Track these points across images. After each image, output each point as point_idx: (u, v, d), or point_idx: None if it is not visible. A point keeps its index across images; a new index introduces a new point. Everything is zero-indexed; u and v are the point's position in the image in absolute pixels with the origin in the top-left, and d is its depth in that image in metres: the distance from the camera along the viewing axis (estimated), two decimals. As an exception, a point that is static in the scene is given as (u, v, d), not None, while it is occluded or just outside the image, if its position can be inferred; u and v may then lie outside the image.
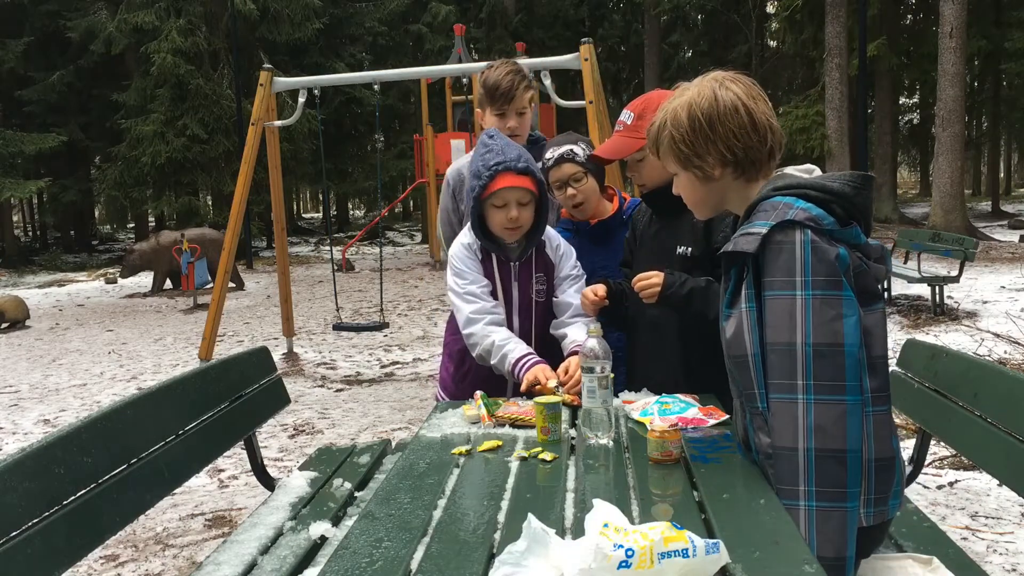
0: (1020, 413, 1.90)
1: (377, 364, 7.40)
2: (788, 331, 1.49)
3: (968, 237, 9.14)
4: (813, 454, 1.45)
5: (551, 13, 24.96)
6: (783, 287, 1.50)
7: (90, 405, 6.22)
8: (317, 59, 20.84)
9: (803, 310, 1.48)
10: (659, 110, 1.74)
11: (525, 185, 2.40)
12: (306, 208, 51.60)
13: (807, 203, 1.52)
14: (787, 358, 1.49)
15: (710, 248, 2.25)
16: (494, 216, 2.43)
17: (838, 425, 1.46)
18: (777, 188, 1.60)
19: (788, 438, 1.48)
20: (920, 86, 25.56)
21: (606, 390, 1.88)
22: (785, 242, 1.50)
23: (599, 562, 1.11)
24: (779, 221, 1.51)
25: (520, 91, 2.76)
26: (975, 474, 3.81)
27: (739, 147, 1.63)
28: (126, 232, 30.47)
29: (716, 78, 1.67)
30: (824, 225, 1.50)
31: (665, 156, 1.73)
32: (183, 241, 12.08)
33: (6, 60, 19.07)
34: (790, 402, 1.48)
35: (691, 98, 1.66)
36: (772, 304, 1.52)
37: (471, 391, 2.37)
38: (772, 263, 1.51)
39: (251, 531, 2.28)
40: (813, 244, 1.48)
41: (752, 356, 1.56)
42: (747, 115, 1.62)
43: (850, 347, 1.47)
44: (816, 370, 1.47)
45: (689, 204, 1.78)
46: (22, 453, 1.66)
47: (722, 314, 1.66)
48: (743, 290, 1.58)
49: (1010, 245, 14.49)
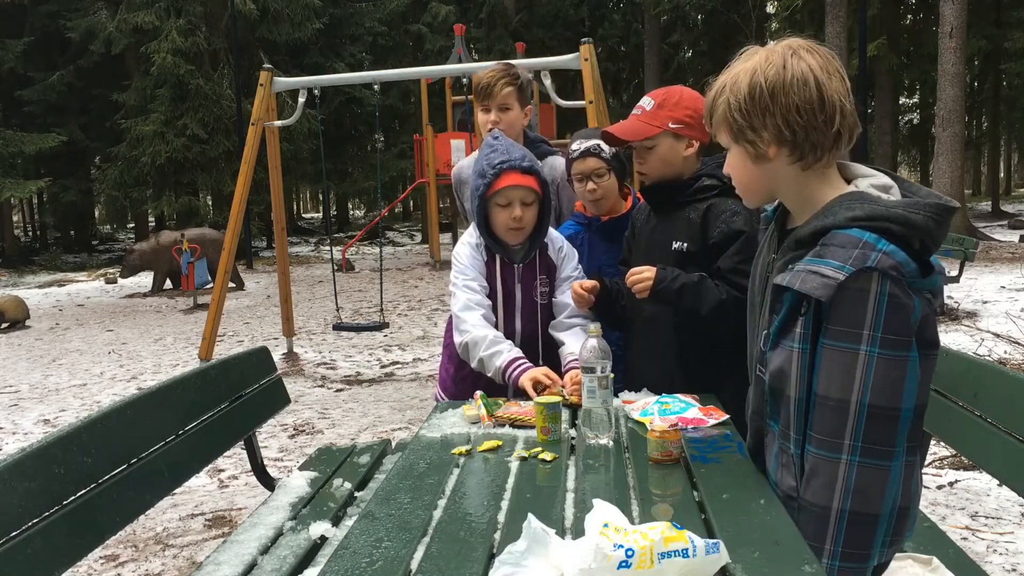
0: (1020, 413, 1.90)
1: (377, 364, 7.40)
2: (844, 388, 1.35)
3: (968, 237, 9.14)
4: (847, 516, 1.37)
5: (551, 13, 24.95)
6: (847, 339, 1.35)
7: (90, 405, 6.22)
8: (317, 59, 20.84)
9: (864, 368, 1.34)
10: (726, 71, 1.52)
11: (529, 184, 2.42)
12: (306, 208, 51.61)
13: (891, 244, 1.34)
14: (837, 416, 1.36)
15: (706, 244, 2.25)
16: (498, 216, 2.45)
17: (879, 490, 1.36)
18: (856, 218, 1.38)
19: (823, 496, 1.39)
20: (920, 86, 25.57)
21: (606, 390, 1.88)
22: (858, 289, 1.33)
23: (599, 562, 1.11)
24: (859, 268, 1.32)
25: (500, 86, 2.79)
26: (975, 474, 3.81)
27: (800, 125, 1.42)
28: (126, 232, 30.47)
29: (791, 45, 1.45)
30: (906, 274, 1.33)
31: (718, 126, 1.53)
32: (183, 241, 12.08)
33: (6, 60, 19.08)
34: (832, 461, 1.37)
35: (757, 63, 1.45)
36: (831, 355, 1.37)
37: (471, 391, 2.37)
38: (840, 310, 1.35)
39: (251, 531, 2.28)
40: (891, 298, 1.32)
41: (796, 401, 1.44)
42: (816, 90, 1.41)
43: (907, 412, 1.36)
44: (867, 432, 1.35)
45: (738, 187, 1.59)
46: (22, 453, 1.66)
47: (768, 339, 1.50)
48: (798, 328, 1.42)
49: (1010, 245, 14.49)
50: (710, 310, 2.15)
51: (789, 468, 1.49)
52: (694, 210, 2.29)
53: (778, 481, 1.52)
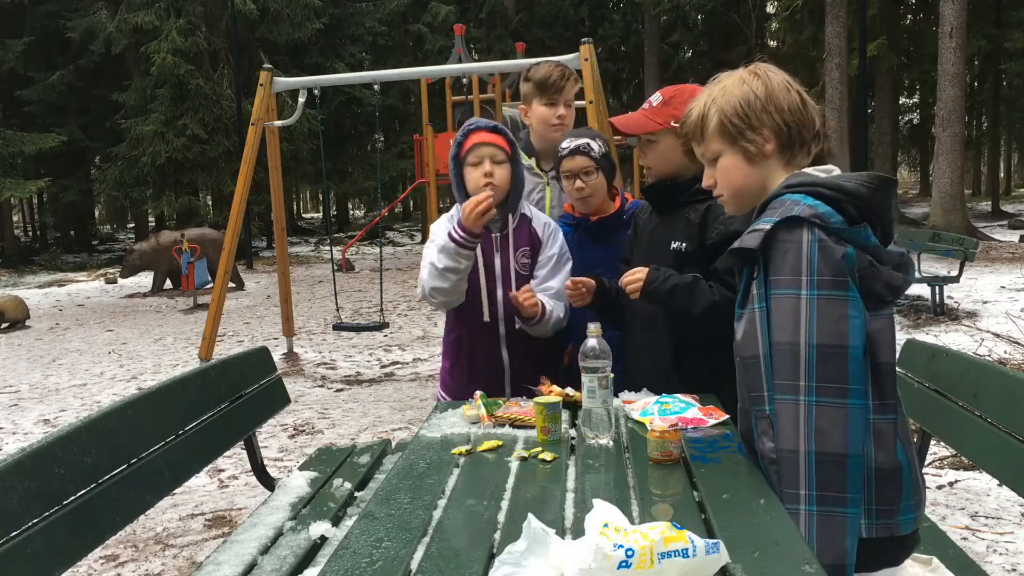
0: (1020, 413, 1.90)
1: (377, 364, 7.40)
2: (792, 331, 1.47)
3: (968, 237, 9.14)
4: (814, 457, 1.44)
5: (551, 13, 24.96)
6: (788, 286, 1.48)
7: (90, 405, 6.22)
8: (317, 59, 20.86)
9: (807, 310, 1.46)
10: (697, 99, 1.70)
11: (497, 142, 2.50)
12: (306, 208, 51.61)
13: (816, 200, 1.50)
14: (791, 358, 1.47)
15: (704, 244, 2.26)
16: (471, 175, 2.51)
17: (838, 428, 1.44)
18: (790, 186, 1.57)
19: (790, 440, 1.47)
20: (920, 86, 25.58)
21: (606, 390, 1.88)
22: (791, 240, 1.48)
23: (599, 562, 1.11)
24: (784, 217, 1.48)
25: (571, 82, 2.87)
26: (975, 474, 3.81)
27: (793, 121, 1.60)
28: (126, 232, 30.48)
29: (760, 66, 1.66)
30: (831, 223, 1.47)
31: (711, 136, 1.66)
32: (183, 241, 12.08)
33: (6, 60, 19.09)
34: (793, 403, 1.47)
35: (740, 79, 1.64)
36: (777, 303, 1.50)
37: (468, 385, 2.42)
38: (778, 261, 1.49)
39: (251, 531, 2.28)
40: (820, 243, 1.46)
41: (763, 357, 1.53)
42: (797, 95, 1.62)
43: (854, 349, 1.45)
44: (819, 371, 1.44)
45: (729, 191, 1.70)
46: (22, 453, 1.66)
47: (735, 314, 1.62)
48: (754, 289, 1.55)
49: (1010, 245, 14.49)
50: (703, 311, 2.15)
51: (767, 432, 1.54)
52: (694, 211, 2.29)
53: (760, 450, 1.57)
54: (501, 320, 2.56)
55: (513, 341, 2.56)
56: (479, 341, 2.58)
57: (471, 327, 2.58)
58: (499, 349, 2.57)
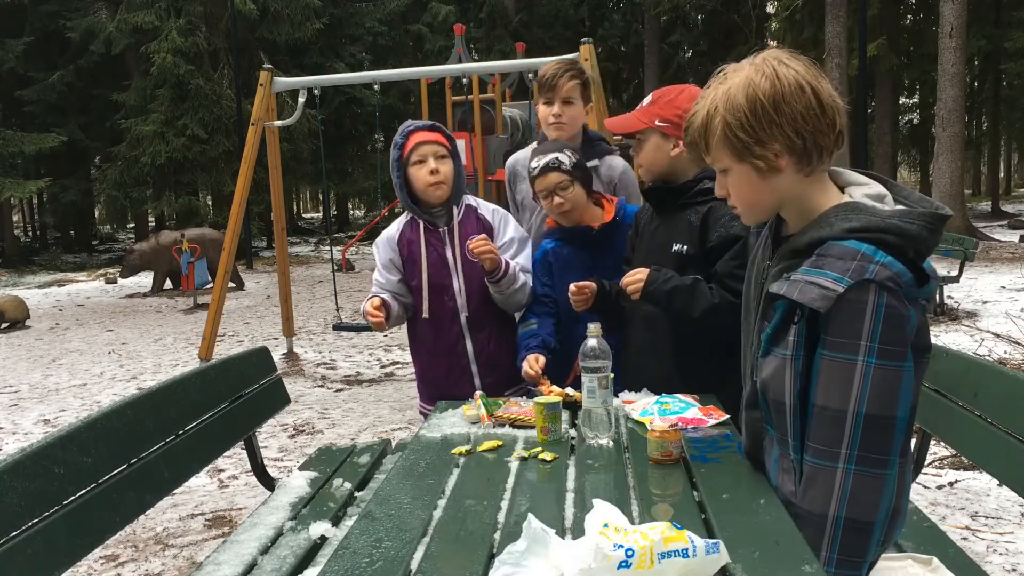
0: (1020, 413, 1.90)
1: (377, 364, 7.40)
2: (841, 398, 1.35)
3: (968, 237, 9.14)
4: (843, 523, 1.37)
5: (551, 13, 24.94)
6: (845, 350, 1.35)
7: (90, 405, 6.22)
8: (317, 59, 20.84)
9: (861, 378, 1.34)
10: (700, 98, 1.50)
11: (437, 139, 2.62)
12: (306, 208, 51.60)
13: (888, 256, 1.34)
14: (835, 425, 1.37)
15: (705, 247, 2.26)
16: (416, 174, 2.61)
17: (874, 497, 1.37)
18: (852, 229, 1.38)
19: (819, 504, 1.39)
20: (920, 86, 25.55)
21: (606, 390, 1.88)
22: (857, 301, 1.33)
23: (599, 562, 1.11)
24: (858, 280, 1.33)
25: (565, 78, 2.79)
26: (975, 474, 3.81)
27: (808, 131, 1.41)
28: (126, 232, 30.47)
29: (772, 56, 1.44)
30: (903, 284, 1.34)
31: (718, 149, 1.48)
32: (183, 241, 12.08)
33: (6, 60, 19.07)
34: (829, 469, 1.38)
35: (748, 78, 1.43)
36: (829, 365, 1.37)
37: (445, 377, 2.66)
38: (838, 321, 1.34)
39: (251, 531, 2.28)
40: (887, 310, 1.32)
41: (791, 408, 1.44)
42: (814, 95, 1.40)
43: (901, 420, 1.37)
44: (863, 441, 1.35)
45: (742, 206, 1.54)
46: (22, 453, 1.66)
47: (760, 346, 1.50)
48: (790, 336, 1.41)
49: (1010, 245, 14.49)
50: (702, 313, 2.15)
51: (790, 473, 1.49)
52: (695, 212, 2.29)
53: (779, 485, 1.53)
54: (461, 309, 2.67)
55: (478, 328, 2.67)
56: (442, 332, 2.69)
57: (433, 320, 2.69)
58: (463, 339, 2.68)
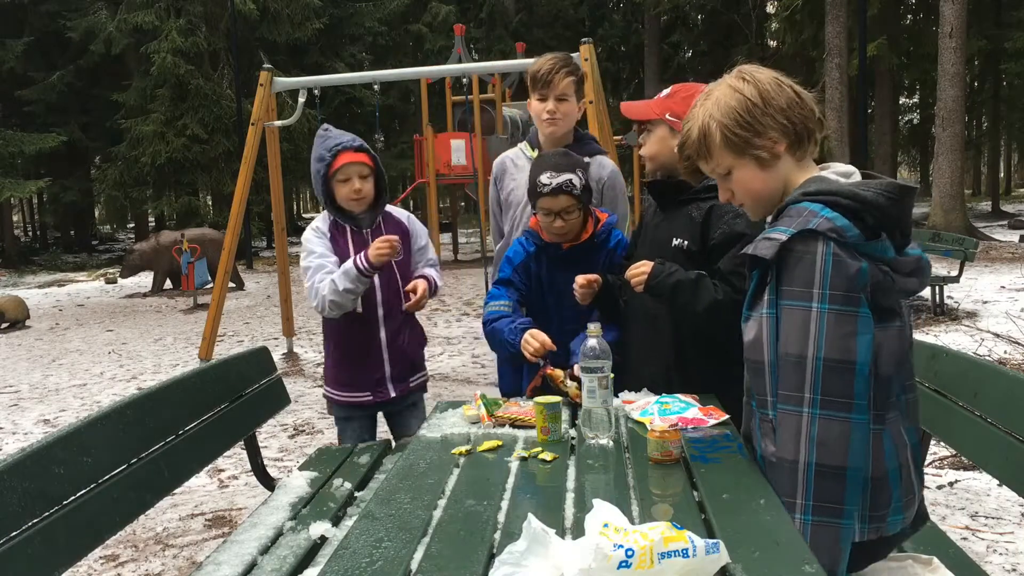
0: (1020, 413, 1.90)
1: (377, 364, 7.39)
2: (800, 343, 1.46)
3: (968, 237, 9.14)
4: (813, 468, 1.45)
5: (551, 13, 24.96)
6: (799, 298, 1.47)
7: (90, 405, 6.22)
8: (317, 59, 20.85)
9: (817, 323, 1.45)
10: (691, 116, 1.65)
11: (363, 160, 2.85)
12: (306, 208, 51.56)
13: (834, 212, 1.48)
14: (797, 370, 1.47)
15: (706, 244, 2.26)
16: (340, 190, 2.85)
17: (840, 442, 1.44)
18: (808, 193, 1.54)
19: (790, 450, 1.47)
20: (920, 86, 25.59)
21: (606, 390, 1.88)
22: (805, 252, 1.46)
23: (599, 562, 1.11)
24: (800, 229, 1.47)
25: (561, 75, 2.78)
26: (975, 474, 3.81)
27: (796, 116, 1.57)
28: (126, 232, 30.46)
29: (743, 70, 1.62)
30: (848, 238, 1.46)
31: (719, 152, 1.62)
32: (183, 241, 12.08)
33: (6, 60, 19.08)
34: (795, 414, 1.47)
35: (731, 85, 1.60)
36: (787, 314, 1.49)
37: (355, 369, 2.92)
38: (790, 272, 1.48)
39: (251, 531, 2.27)
40: (835, 257, 1.45)
41: (768, 364, 1.53)
42: (790, 88, 1.59)
43: (861, 365, 1.45)
44: (824, 385, 1.45)
45: (749, 201, 1.67)
46: (22, 453, 1.66)
47: (743, 316, 1.61)
48: (765, 295, 1.54)
49: (1010, 245, 14.49)
50: (705, 308, 2.15)
51: (769, 435, 1.56)
52: (696, 208, 2.30)
53: (763, 451, 1.59)
54: (379, 304, 2.93)
55: (391, 322, 2.95)
56: (357, 325, 2.93)
57: (351, 315, 2.91)
58: (378, 331, 2.94)
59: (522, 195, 2.91)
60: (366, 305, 2.92)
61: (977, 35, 18.63)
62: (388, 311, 2.94)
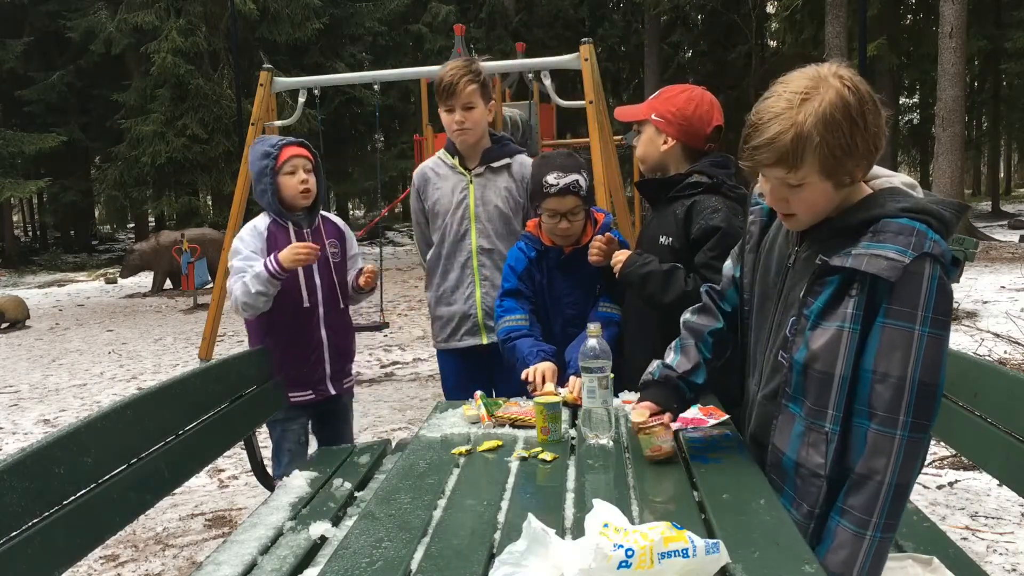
0: (1020, 413, 1.90)
1: (377, 364, 7.40)
2: (902, 365, 1.45)
3: (968, 237, 9.12)
4: (894, 490, 1.46)
5: (551, 13, 24.92)
6: (905, 319, 1.45)
7: (90, 405, 6.22)
8: (317, 59, 20.81)
9: (918, 346, 1.45)
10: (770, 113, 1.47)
11: (307, 155, 2.96)
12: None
13: (936, 235, 1.46)
14: (895, 391, 1.46)
15: (688, 240, 2.30)
16: (287, 183, 2.92)
17: (914, 463, 1.48)
18: (906, 209, 1.48)
19: (879, 471, 1.47)
20: (920, 86, 25.56)
21: (606, 390, 1.88)
22: (915, 273, 1.43)
23: (599, 562, 1.11)
24: (920, 253, 1.43)
25: (462, 84, 2.72)
26: (975, 474, 3.81)
27: (882, 144, 1.50)
28: (126, 232, 30.44)
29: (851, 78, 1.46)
30: (947, 262, 1.46)
31: (809, 166, 1.46)
32: (183, 241, 12.08)
33: (6, 60, 19.07)
34: (891, 436, 1.46)
35: (839, 95, 1.44)
36: (890, 332, 1.46)
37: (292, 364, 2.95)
38: (899, 292, 1.44)
39: (251, 531, 2.27)
40: (940, 281, 1.45)
41: (840, 377, 1.50)
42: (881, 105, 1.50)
43: (940, 387, 1.49)
44: (916, 408, 1.46)
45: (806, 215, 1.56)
46: (22, 453, 1.66)
47: (809, 320, 1.54)
48: (848, 308, 1.48)
49: (1010, 245, 14.49)
50: (673, 300, 2.20)
51: (818, 446, 1.53)
52: (680, 206, 2.34)
53: (802, 460, 1.56)
54: (320, 303, 3.00)
55: (330, 320, 3.03)
56: (300, 324, 2.97)
57: (291, 312, 2.94)
58: (319, 329, 3.00)
59: (448, 203, 2.91)
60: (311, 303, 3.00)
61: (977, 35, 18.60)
62: (328, 311, 3.04)
